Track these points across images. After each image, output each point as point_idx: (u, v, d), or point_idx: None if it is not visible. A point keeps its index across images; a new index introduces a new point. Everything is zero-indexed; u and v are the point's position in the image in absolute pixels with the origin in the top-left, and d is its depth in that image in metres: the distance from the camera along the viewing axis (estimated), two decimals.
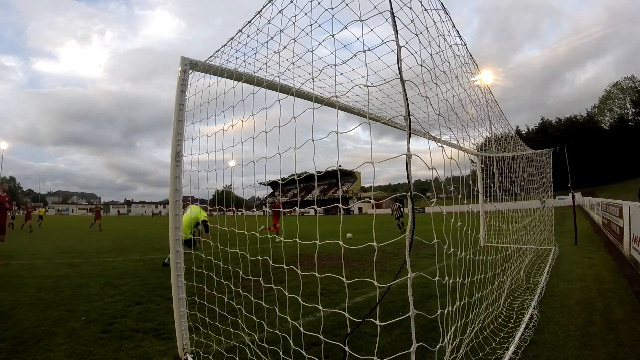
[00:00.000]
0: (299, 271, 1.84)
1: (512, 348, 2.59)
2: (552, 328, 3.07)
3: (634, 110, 52.71)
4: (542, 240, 7.29)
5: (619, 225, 7.71)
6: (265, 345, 2.28)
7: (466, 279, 2.15)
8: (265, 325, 2.33)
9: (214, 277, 2.66)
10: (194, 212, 6.50)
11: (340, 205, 1.68)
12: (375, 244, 1.40)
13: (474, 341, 2.59)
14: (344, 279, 1.57)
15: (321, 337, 1.70)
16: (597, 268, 5.58)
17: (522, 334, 2.86)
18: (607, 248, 7.69)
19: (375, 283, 1.36)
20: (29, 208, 19.14)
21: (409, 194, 1.23)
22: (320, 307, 1.83)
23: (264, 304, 2.30)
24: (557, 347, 2.68)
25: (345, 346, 1.49)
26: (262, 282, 2.25)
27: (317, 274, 1.70)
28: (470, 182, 2.33)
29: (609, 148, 49.38)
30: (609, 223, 9.78)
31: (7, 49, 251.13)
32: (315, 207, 1.87)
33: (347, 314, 1.56)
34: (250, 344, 2.50)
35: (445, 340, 1.67)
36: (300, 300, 1.86)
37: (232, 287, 2.59)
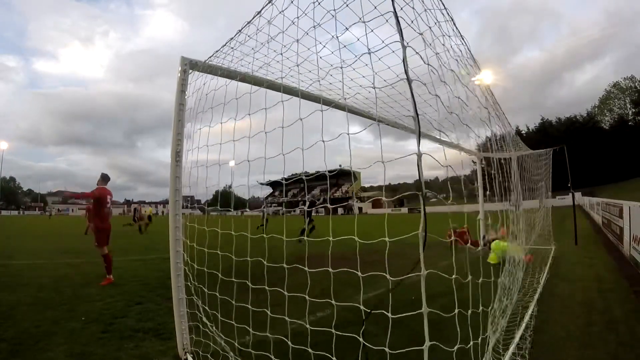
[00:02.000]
0: (305, 268, 1.83)
1: (512, 348, 2.59)
2: (552, 328, 3.07)
3: (634, 110, 52.69)
4: (541, 241, 7.30)
5: (619, 225, 7.71)
6: (265, 345, 2.28)
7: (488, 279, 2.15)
8: (265, 325, 2.33)
9: (214, 277, 2.66)
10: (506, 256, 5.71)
11: (352, 204, 1.68)
12: (387, 239, 1.40)
13: (475, 342, 2.59)
14: (360, 274, 1.57)
15: (333, 331, 1.70)
16: (597, 268, 5.58)
17: (522, 334, 2.86)
18: (607, 248, 7.69)
19: (388, 276, 1.37)
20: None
21: (421, 193, 1.24)
22: (333, 302, 1.83)
23: (261, 303, 2.30)
24: (557, 347, 2.68)
25: (360, 337, 1.50)
26: (265, 279, 2.24)
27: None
28: (474, 182, 2.33)
29: (609, 148, 49.36)
30: (609, 223, 9.78)
31: (9, 50, 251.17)
32: (327, 205, 1.87)
33: (362, 306, 1.56)
34: (251, 344, 2.50)
35: (489, 338, 1.66)
36: (307, 297, 1.86)
37: (233, 286, 2.59)
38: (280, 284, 2.08)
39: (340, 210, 56.35)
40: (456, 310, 1.55)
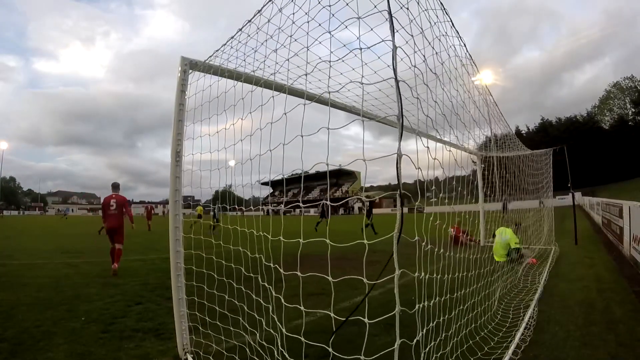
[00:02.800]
0: (298, 273, 1.83)
1: (512, 348, 2.59)
2: (552, 328, 3.08)
3: (634, 110, 52.67)
4: (542, 240, 7.30)
5: (619, 225, 7.71)
6: (265, 345, 2.28)
7: (448, 276, 2.16)
8: (265, 326, 2.33)
9: (215, 276, 2.66)
10: (506, 237, 5.88)
11: (341, 205, 1.68)
12: (365, 241, 1.41)
13: (471, 341, 2.59)
14: (330, 278, 1.57)
15: (303, 339, 1.70)
16: (597, 268, 5.58)
17: (522, 334, 2.86)
18: (607, 248, 7.69)
19: (365, 280, 1.37)
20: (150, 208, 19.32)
21: (398, 192, 1.25)
22: (320, 308, 1.82)
23: (263, 303, 2.30)
24: (557, 347, 2.68)
25: (329, 347, 1.50)
26: (260, 282, 2.25)
27: (315, 274, 1.70)
28: (471, 181, 2.34)
29: (609, 148, 49.34)
30: (609, 223, 9.78)
31: (10, 50, 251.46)
32: (315, 207, 1.87)
33: (332, 314, 1.56)
34: (251, 344, 2.50)
35: (421, 334, 1.66)
36: (301, 300, 1.86)
37: (235, 285, 2.59)
38: (282, 284, 2.08)
39: (340, 211, 56.42)
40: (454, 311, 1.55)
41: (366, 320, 1.34)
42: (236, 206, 2.78)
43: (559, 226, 10.77)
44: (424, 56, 1.71)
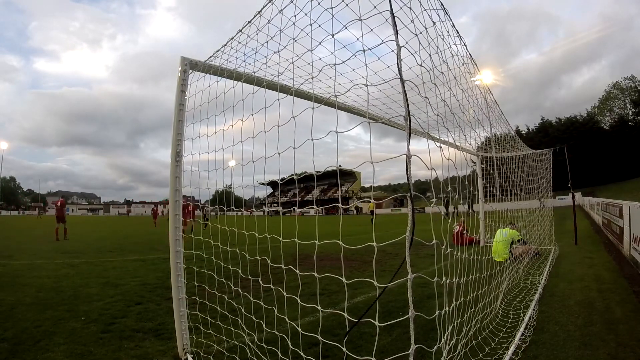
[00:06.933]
0: (297, 271, 1.83)
1: (512, 348, 2.59)
2: (552, 328, 3.08)
3: (634, 110, 52.60)
4: (542, 240, 7.30)
5: (619, 225, 7.71)
6: (265, 345, 2.28)
7: (462, 279, 2.16)
8: (265, 326, 2.33)
9: (215, 276, 2.66)
10: (505, 233, 5.96)
11: (340, 205, 1.68)
12: (375, 244, 1.40)
13: (474, 342, 2.59)
14: (344, 279, 1.57)
15: (319, 337, 1.70)
16: (597, 268, 5.58)
17: (522, 334, 2.86)
18: (607, 248, 7.69)
19: (375, 283, 1.36)
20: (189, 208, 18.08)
21: (409, 194, 1.24)
22: (319, 308, 1.83)
23: (262, 304, 2.30)
24: (557, 347, 2.68)
25: (343, 347, 1.49)
26: (261, 282, 2.25)
27: (316, 274, 1.70)
28: (467, 183, 2.34)
29: (609, 148, 49.29)
30: (609, 223, 9.77)
31: (13, 50, 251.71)
32: (315, 206, 1.87)
33: (346, 314, 1.56)
34: (250, 344, 2.50)
35: (442, 340, 1.67)
36: (299, 300, 1.86)
37: (232, 286, 2.60)
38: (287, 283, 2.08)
39: (340, 211, 56.26)
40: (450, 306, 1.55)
41: (377, 322, 1.33)
42: (233, 207, 2.78)
43: (559, 226, 10.76)
44: (429, 55, 1.70)
